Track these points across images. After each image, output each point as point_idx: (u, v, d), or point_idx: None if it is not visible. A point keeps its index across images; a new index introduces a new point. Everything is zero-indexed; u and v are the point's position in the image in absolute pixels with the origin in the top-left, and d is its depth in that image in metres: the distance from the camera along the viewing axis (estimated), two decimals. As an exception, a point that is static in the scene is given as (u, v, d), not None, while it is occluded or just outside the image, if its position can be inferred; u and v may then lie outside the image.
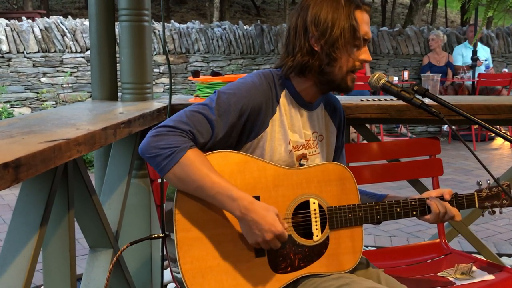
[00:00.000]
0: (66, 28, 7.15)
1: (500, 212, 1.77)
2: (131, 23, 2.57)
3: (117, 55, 2.61)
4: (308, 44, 1.56)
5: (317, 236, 1.57)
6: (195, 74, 2.67)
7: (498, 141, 7.95)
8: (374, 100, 2.52)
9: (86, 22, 7.22)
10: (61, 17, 7.46)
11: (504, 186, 1.70)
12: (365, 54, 1.59)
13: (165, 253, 1.63)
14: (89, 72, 4.24)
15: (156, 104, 2.47)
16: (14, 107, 6.89)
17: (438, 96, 1.64)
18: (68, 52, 7.09)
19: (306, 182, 1.58)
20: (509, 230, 4.11)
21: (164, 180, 1.71)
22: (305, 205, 1.57)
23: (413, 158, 2.35)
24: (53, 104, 7.02)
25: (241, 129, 1.54)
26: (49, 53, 7.02)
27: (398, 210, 1.65)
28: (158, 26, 7.48)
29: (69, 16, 7.93)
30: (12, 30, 6.90)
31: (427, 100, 1.64)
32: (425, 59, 8.16)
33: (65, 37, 7.09)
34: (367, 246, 3.62)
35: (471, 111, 2.18)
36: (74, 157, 1.51)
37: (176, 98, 2.88)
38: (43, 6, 14.07)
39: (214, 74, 2.62)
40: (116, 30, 2.58)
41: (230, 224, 1.48)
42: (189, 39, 7.67)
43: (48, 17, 7.52)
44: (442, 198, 1.68)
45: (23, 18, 7.38)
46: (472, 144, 7.23)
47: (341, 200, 1.61)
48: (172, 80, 7.52)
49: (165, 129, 1.45)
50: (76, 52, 7.13)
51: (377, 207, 1.63)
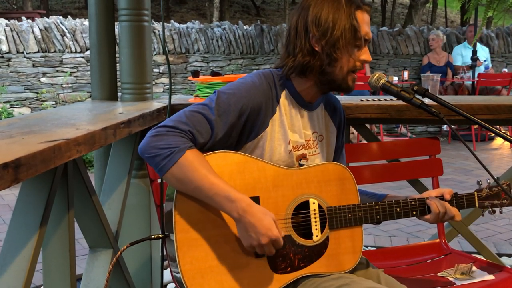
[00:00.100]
0: (66, 28, 7.14)
1: (501, 212, 1.77)
2: (131, 23, 2.57)
3: (117, 55, 2.61)
4: (309, 44, 1.55)
5: (316, 236, 1.57)
6: (195, 74, 2.66)
7: (498, 141, 7.95)
8: (374, 100, 2.52)
9: (86, 22, 7.22)
10: (61, 17, 7.46)
11: (504, 185, 1.70)
12: (365, 55, 1.59)
13: (165, 253, 1.63)
14: (89, 72, 4.24)
15: (156, 104, 2.47)
16: (13, 107, 6.89)
17: (438, 96, 1.64)
18: (68, 52, 7.09)
19: (306, 182, 1.57)
20: (509, 230, 4.11)
21: (164, 181, 1.71)
22: (304, 205, 1.57)
23: (413, 158, 2.35)
24: (53, 104, 7.02)
25: (241, 129, 1.54)
26: (48, 53, 7.02)
27: (398, 210, 1.65)
28: (158, 26, 7.48)
29: (69, 16, 7.93)
30: (11, 30, 6.90)
31: (427, 100, 1.64)
32: (424, 59, 8.16)
33: (64, 37, 7.09)
34: (367, 246, 3.62)
35: (471, 111, 2.18)
36: (74, 157, 1.51)
37: (176, 98, 2.88)
38: (42, 6, 14.07)
39: (214, 74, 2.62)
40: (116, 30, 2.58)
41: (230, 224, 1.48)
42: (189, 39, 7.67)
43: (48, 17, 7.52)
44: (442, 198, 1.67)
45: (23, 18, 7.38)
46: (472, 144, 7.23)
47: (341, 200, 1.61)
48: (172, 80, 7.51)
49: (165, 129, 1.45)
50: (76, 52, 7.13)
51: (377, 207, 1.63)
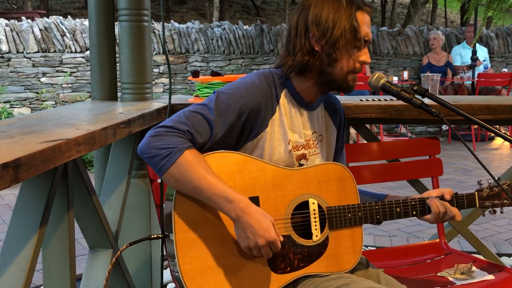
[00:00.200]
0: (66, 28, 7.14)
1: (501, 212, 1.76)
2: (131, 23, 2.56)
3: (117, 55, 2.61)
4: (309, 44, 1.55)
5: (316, 236, 1.57)
6: (195, 74, 2.66)
7: (498, 141, 7.95)
8: (373, 100, 2.52)
9: (86, 22, 7.22)
10: (61, 17, 7.46)
11: (504, 186, 1.70)
12: (365, 56, 1.59)
13: (164, 253, 1.63)
14: (89, 72, 4.24)
15: (156, 104, 2.47)
16: (13, 107, 6.88)
17: (437, 96, 1.64)
18: (68, 52, 7.09)
19: (306, 182, 1.57)
20: (509, 230, 4.11)
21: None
22: (304, 205, 1.57)
23: (413, 158, 2.35)
24: (53, 104, 7.02)
25: (240, 129, 1.54)
26: (48, 53, 7.02)
27: (398, 210, 1.65)
28: (157, 26, 7.48)
29: (69, 16, 7.93)
30: (11, 30, 6.90)
31: (426, 100, 1.64)
32: (424, 59, 8.15)
33: (64, 37, 7.09)
34: (366, 246, 3.62)
35: (470, 111, 2.18)
36: (74, 157, 1.51)
37: (176, 98, 2.88)
38: (42, 6, 14.07)
39: (214, 74, 2.62)
40: (116, 30, 2.58)
41: (229, 224, 1.48)
42: (188, 39, 7.66)
43: (48, 17, 7.52)
44: (442, 198, 1.67)
45: (23, 18, 7.38)
46: (472, 144, 7.23)
47: (340, 200, 1.61)
48: (172, 80, 7.51)
49: (164, 129, 1.45)
50: (76, 52, 7.12)
51: (377, 207, 1.63)
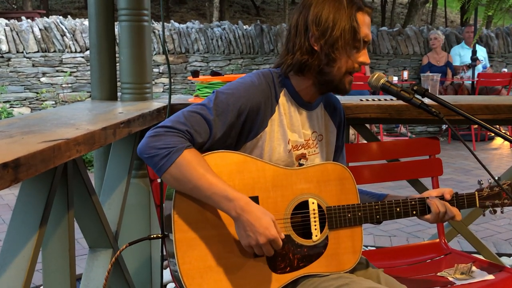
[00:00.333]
0: (66, 28, 7.14)
1: (502, 212, 1.76)
2: (131, 23, 2.56)
3: (117, 55, 2.61)
4: (308, 43, 1.55)
5: (316, 236, 1.57)
6: (195, 74, 2.66)
7: (498, 141, 7.95)
8: (373, 100, 2.52)
9: (86, 22, 7.22)
10: (61, 17, 7.46)
11: (504, 186, 1.70)
12: (364, 57, 1.58)
13: (164, 253, 1.63)
14: (89, 72, 4.24)
15: (156, 104, 2.47)
16: (13, 107, 6.88)
17: (437, 96, 1.64)
18: (68, 52, 7.09)
19: (305, 182, 1.57)
20: (509, 230, 4.11)
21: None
22: (304, 205, 1.57)
23: (413, 158, 2.35)
24: (53, 104, 7.02)
25: (240, 129, 1.54)
26: (48, 53, 7.02)
27: (398, 209, 1.65)
28: (157, 26, 7.48)
29: (69, 16, 7.93)
30: (11, 30, 6.90)
31: (426, 100, 1.63)
32: (424, 59, 8.15)
33: (64, 37, 7.09)
34: (366, 246, 3.62)
35: (470, 111, 2.18)
36: (74, 157, 1.51)
37: (176, 98, 2.88)
38: (42, 6, 14.07)
39: (214, 74, 2.62)
40: (116, 30, 2.58)
41: (229, 224, 1.48)
42: (188, 39, 7.66)
43: (48, 17, 7.52)
44: (442, 198, 1.67)
45: (23, 18, 7.38)
46: (472, 144, 7.23)
47: (340, 200, 1.61)
48: (172, 80, 7.51)
49: (163, 129, 1.45)
50: (76, 52, 7.12)
51: (377, 207, 1.63)
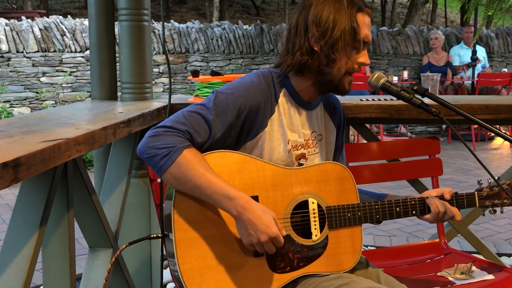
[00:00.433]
0: (66, 28, 7.14)
1: (501, 212, 1.76)
2: (131, 22, 2.56)
3: (117, 54, 2.61)
4: (308, 43, 1.55)
5: (316, 235, 1.57)
6: (195, 73, 2.67)
7: (498, 141, 7.95)
8: (373, 100, 2.52)
9: (86, 22, 7.22)
10: (61, 17, 7.46)
11: (504, 185, 1.70)
12: (363, 57, 1.58)
13: (164, 252, 1.63)
14: (89, 72, 4.24)
15: (156, 104, 2.47)
16: (13, 107, 6.88)
17: (437, 95, 1.64)
18: (68, 51, 7.09)
19: (305, 182, 1.57)
20: (509, 230, 4.11)
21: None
22: (304, 204, 1.57)
23: (413, 158, 2.35)
24: (53, 103, 7.02)
25: (239, 129, 1.54)
26: (48, 53, 7.02)
27: (398, 209, 1.65)
28: (157, 25, 7.48)
29: (69, 16, 7.93)
30: (11, 30, 6.90)
31: (426, 100, 1.63)
32: (424, 59, 8.15)
33: (64, 36, 7.08)
34: (366, 246, 3.62)
35: (470, 110, 2.18)
36: (74, 156, 1.51)
37: (176, 98, 2.87)
38: (42, 5, 14.07)
39: (214, 73, 2.62)
40: (116, 29, 2.58)
41: (229, 223, 1.48)
42: (188, 39, 7.66)
43: (48, 17, 7.52)
44: (442, 198, 1.67)
45: (23, 17, 7.38)
46: (472, 144, 7.23)
47: (340, 199, 1.61)
48: (172, 80, 7.51)
49: (162, 129, 1.45)
50: (76, 51, 7.12)
51: (377, 206, 1.63)
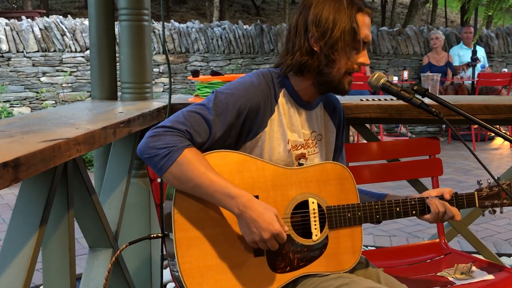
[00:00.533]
0: (66, 28, 7.14)
1: (501, 212, 1.76)
2: (131, 22, 2.56)
3: (117, 54, 2.61)
4: (308, 44, 1.55)
5: (316, 235, 1.57)
6: (195, 73, 2.67)
7: (498, 141, 7.95)
8: (373, 100, 2.52)
9: (86, 22, 7.22)
10: (61, 17, 7.46)
11: (504, 185, 1.70)
12: (363, 57, 1.58)
13: (164, 252, 1.63)
14: (89, 72, 4.24)
15: (156, 104, 2.47)
16: (13, 107, 6.88)
17: (437, 96, 1.64)
18: (68, 51, 7.09)
19: (305, 182, 1.57)
20: (509, 230, 4.11)
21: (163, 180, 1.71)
22: (304, 204, 1.57)
23: (413, 158, 2.35)
24: (53, 103, 7.01)
25: (239, 129, 1.54)
26: (48, 53, 7.02)
27: (398, 209, 1.65)
28: (157, 25, 7.47)
29: (69, 16, 7.93)
30: (11, 30, 6.89)
31: (426, 100, 1.63)
32: (424, 59, 8.16)
33: (64, 36, 7.08)
34: (366, 246, 3.62)
35: (470, 111, 2.17)
36: (74, 156, 1.51)
37: (176, 98, 2.87)
38: (42, 5, 14.07)
39: (214, 73, 2.62)
40: (116, 29, 2.58)
41: (229, 223, 1.48)
42: (188, 39, 7.66)
43: (48, 17, 7.52)
44: (442, 198, 1.67)
45: (23, 17, 7.38)
46: (472, 144, 7.23)
47: (340, 199, 1.61)
48: (172, 80, 7.51)
49: (162, 129, 1.46)
50: (76, 51, 7.12)
51: (377, 206, 1.63)
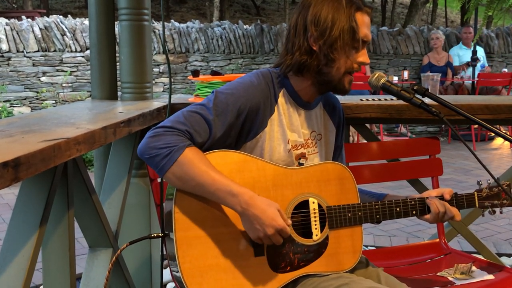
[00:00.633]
0: (66, 27, 7.14)
1: (501, 212, 1.76)
2: (131, 22, 2.56)
3: (117, 54, 2.61)
4: (307, 43, 1.55)
5: (316, 235, 1.57)
6: (195, 73, 2.67)
7: (498, 141, 7.95)
8: (374, 99, 2.52)
9: (86, 22, 7.22)
10: (61, 16, 7.45)
11: (504, 186, 1.70)
12: (363, 57, 1.58)
13: (164, 252, 1.63)
14: (89, 72, 4.24)
15: (156, 104, 2.47)
16: (13, 106, 6.88)
17: (438, 95, 1.63)
18: (68, 51, 7.09)
19: (305, 182, 1.57)
20: (509, 230, 4.11)
21: (164, 180, 1.71)
22: (304, 204, 1.57)
23: (413, 158, 2.35)
24: (53, 103, 7.01)
25: (239, 129, 1.54)
26: (49, 52, 7.02)
27: (398, 209, 1.65)
28: (158, 25, 7.47)
29: (69, 15, 7.93)
30: (12, 29, 6.89)
31: (427, 100, 1.63)
32: (425, 59, 8.15)
33: (65, 36, 7.08)
34: (366, 246, 3.62)
35: (471, 110, 2.17)
36: (74, 156, 1.51)
37: (176, 98, 2.87)
38: (43, 5, 14.06)
39: (214, 73, 2.62)
40: (116, 29, 2.58)
41: (229, 223, 1.48)
42: (189, 39, 7.66)
43: (48, 16, 7.52)
44: (442, 198, 1.67)
45: (23, 17, 7.38)
46: (472, 144, 7.22)
47: (340, 199, 1.61)
48: (172, 80, 7.51)
49: (162, 129, 1.46)
50: (76, 51, 7.12)
51: (377, 206, 1.63)
